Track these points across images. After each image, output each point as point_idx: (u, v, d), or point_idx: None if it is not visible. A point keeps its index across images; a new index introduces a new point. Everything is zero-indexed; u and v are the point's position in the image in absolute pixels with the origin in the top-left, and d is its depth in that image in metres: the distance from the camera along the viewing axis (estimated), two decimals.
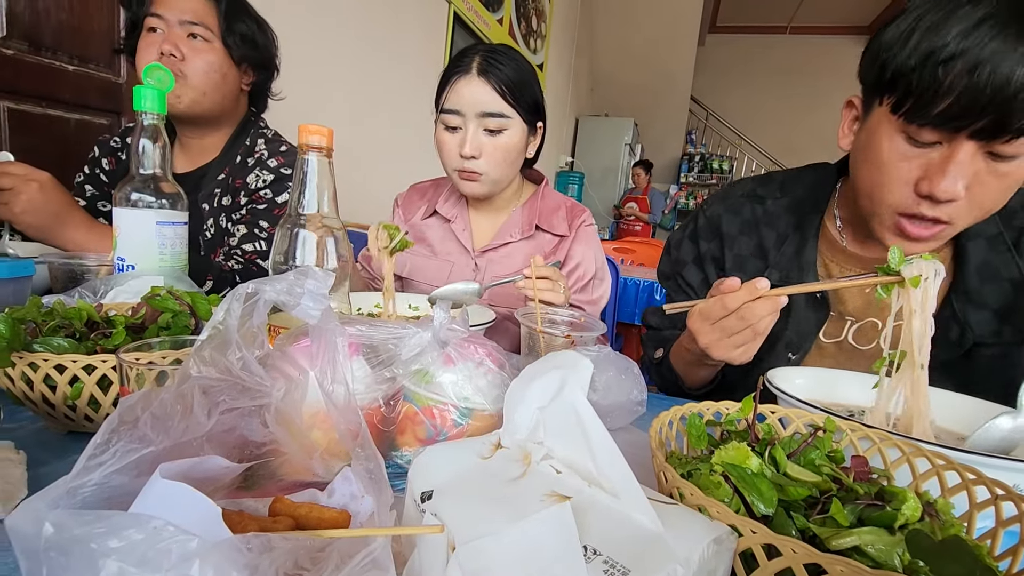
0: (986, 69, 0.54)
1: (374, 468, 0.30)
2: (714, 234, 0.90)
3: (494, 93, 0.93)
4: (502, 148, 0.97)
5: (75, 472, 0.22)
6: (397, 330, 0.43)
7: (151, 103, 0.70)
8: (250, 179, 1.10)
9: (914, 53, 0.58)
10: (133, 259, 0.70)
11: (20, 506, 0.20)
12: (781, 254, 0.83)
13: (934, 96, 0.57)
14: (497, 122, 0.95)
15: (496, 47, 0.98)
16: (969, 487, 0.38)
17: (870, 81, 0.65)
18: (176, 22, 1.00)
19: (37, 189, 0.83)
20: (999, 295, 0.72)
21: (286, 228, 0.53)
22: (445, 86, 0.97)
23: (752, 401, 0.45)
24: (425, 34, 3.01)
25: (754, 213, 0.87)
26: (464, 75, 0.94)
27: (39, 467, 0.43)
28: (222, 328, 0.28)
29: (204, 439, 0.32)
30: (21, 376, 0.44)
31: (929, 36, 0.57)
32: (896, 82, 0.60)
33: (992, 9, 0.55)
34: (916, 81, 0.58)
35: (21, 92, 1.26)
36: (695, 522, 0.29)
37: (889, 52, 0.61)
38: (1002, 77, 0.53)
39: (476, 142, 0.95)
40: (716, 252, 0.90)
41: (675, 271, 0.95)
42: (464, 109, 0.95)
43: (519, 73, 0.96)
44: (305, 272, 0.31)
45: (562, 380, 0.30)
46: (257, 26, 1.11)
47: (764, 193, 0.88)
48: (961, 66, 0.55)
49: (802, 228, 0.82)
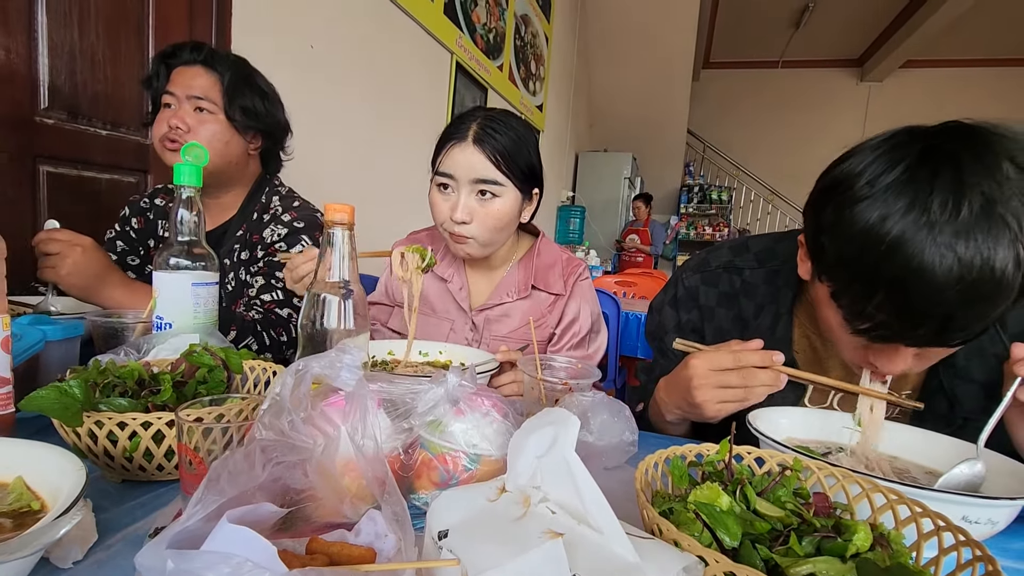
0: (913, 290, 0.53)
1: (400, 511, 0.36)
2: (692, 304, 0.91)
3: (487, 162, 0.95)
4: (493, 215, 0.98)
5: (183, 520, 0.28)
6: (414, 386, 0.50)
7: (189, 178, 0.78)
8: (266, 233, 1.18)
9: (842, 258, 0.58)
10: (171, 318, 0.77)
11: (146, 548, 0.27)
12: (759, 325, 0.83)
13: (862, 316, 0.58)
14: (490, 189, 0.97)
15: (495, 114, 1.00)
16: (917, 519, 0.44)
17: (810, 247, 0.65)
18: (185, 97, 1.12)
19: (81, 253, 0.91)
20: (985, 369, 0.72)
21: (313, 293, 0.61)
22: (441, 150, 0.99)
23: (728, 443, 0.51)
24: (429, 82, 3.17)
25: (732, 284, 0.87)
26: (460, 142, 0.96)
27: (100, 513, 0.49)
28: (278, 399, 0.35)
29: (256, 488, 0.38)
30: (88, 432, 0.50)
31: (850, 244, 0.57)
32: (832, 278, 0.60)
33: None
34: (846, 300, 0.59)
35: (59, 157, 1.37)
36: (668, 554, 0.34)
37: (813, 240, 0.62)
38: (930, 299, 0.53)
39: (467, 207, 0.97)
40: (696, 323, 0.91)
41: (657, 336, 0.97)
42: (457, 174, 0.97)
43: (515, 142, 0.97)
44: (343, 349, 0.38)
45: (555, 435, 0.37)
46: (262, 97, 1.21)
47: (741, 264, 0.88)
48: (884, 293, 0.55)
49: (776, 302, 0.82)
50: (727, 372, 0.67)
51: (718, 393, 0.68)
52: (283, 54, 2.01)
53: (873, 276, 0.55)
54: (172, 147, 1.12)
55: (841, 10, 6.90)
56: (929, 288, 0.52)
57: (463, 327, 1.11)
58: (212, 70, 1.14)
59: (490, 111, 1.01)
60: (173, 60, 1.15)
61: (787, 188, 8.17)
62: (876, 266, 0.55)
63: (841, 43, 7.85)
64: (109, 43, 1.44)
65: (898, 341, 0.59)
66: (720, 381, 0.67)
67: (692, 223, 8.45)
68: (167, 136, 1.11)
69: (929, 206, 0.52)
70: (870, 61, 7.95)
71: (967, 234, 0.51)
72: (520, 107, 4.58)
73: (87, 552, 0.42)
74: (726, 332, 0.85)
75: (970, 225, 0.51)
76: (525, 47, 4.60)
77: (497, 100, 4.11)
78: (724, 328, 0.87)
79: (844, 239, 0.57)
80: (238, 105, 1.15)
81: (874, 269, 0.55)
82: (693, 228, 8.39)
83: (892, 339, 0.59)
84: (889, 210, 0.54)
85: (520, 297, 1.10)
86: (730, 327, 0.86)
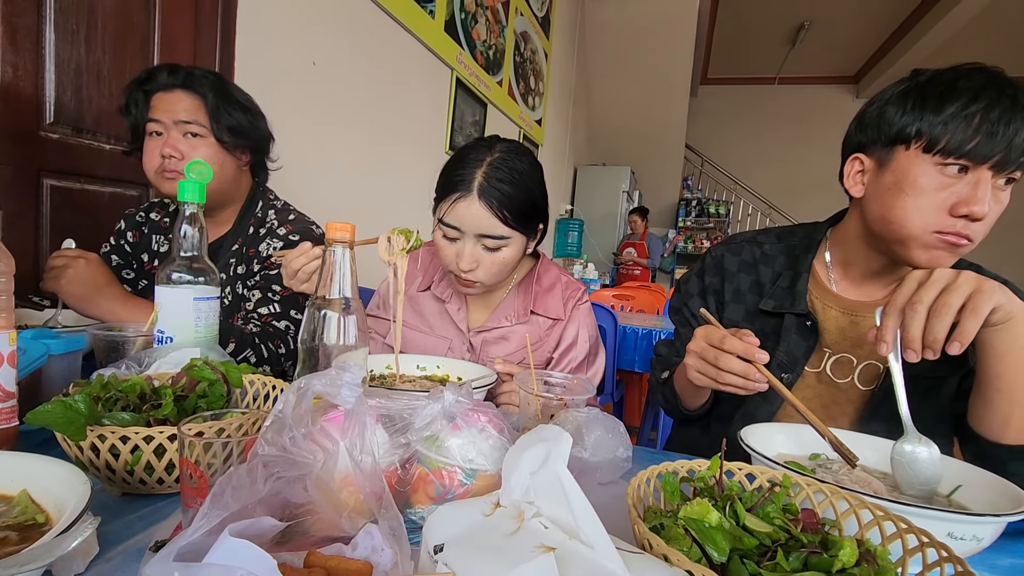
0: (999, 119, 0.70)
1: (396, 526, 0.37)
2: (717, 271, 1.03)
3: (494, 219, 0.93)
4: (499, 262, 0.98)
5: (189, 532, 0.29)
6: (411, 402, 0.51)
7: (192, 194, 0.80)
8: (262, 247, 1.19)
9: (940, 110, 0.73)
10: (172, 331, 0.78)
11: (152, 560, 0.27)
12: (776, 287, 0.95)
13: (963, 139, 0.71)
14: (495, 243, 0.96)
15: (500, 160, 0.95)
16: (902, 535, 0.45)
17: (890, 135, 0.79)
18: (172, 123, 1.10)
19: (83, 265, 0.93)
20: None
21: (313, 309, 0.62)
22: (445, 196, 0.96)
23: (719, 460, 0.52)
24: (429, 98, 3.21)
25: (753, 254, 1.01)
26: (465, 196, 0.93)
27: (100, 526, 0.49)
28: (281, 416, 0.36)
29: (257, 503, 0.39)
30: (90, 446, 0.51)
31: (949, 96, 0.72)
32: (931, 130, 0.74)
33: (979, 82, 0.73)
34: (952, 127, 0.72)
35: (63, 171, 1.39)
36: (656, 568, 0.35)
37: (910, 112, 0.76)
38: (1009, 126, 0.70)
39: (474, 256, 0.97)
40: (717, 286, 1.02)
41: (683, 303, 1.07)
42: (463, 228, 0.95)
43: (522, 190, 0.95)
44: (344, 367, 0.39)
45: (547, 452, 0.38)
46: (244, 111, 1.18)
47: (763, 240, 1.03)
48: (980, 118, 0.70)
49: (795, 266, 0.95)
50: (711, 348, 0.74)
51: (698, 362, 0.76)
52: (286, 70, 2.05)
53: (970, 94, 0.71)
54: (171, 176, 1.10)
55: (837, 29, 7.02)
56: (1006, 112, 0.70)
57: (460, 347, 1.12)
58: (194, 92, 1.12)
59: (495, 155, 0.96)
60: (150, 85, 1.12)
61: (784, 202, 8.22)
62: (971, 85, 0.72)
63: (837, 60, 7.98)
64: (115, 59, 1.47)
65: (993, 155, 0.71)
66: (703, 352, 0.75)
67: (690, 236, 8.49)
68: (163, 168, 1.10)
69: (986, 69, 0.74)
70: (865, 78, 8.06)
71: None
72: (519, 121, 4.63)
73: (88, 565, 0.43)
74: (743, 294, 0.99)
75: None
76: (524, 63, 4.66)
77: (496, 115, 4.15)
78: (742, 291, 0.99)
79: (942, 83, 0.74)
80: (225, 126, 1.14)
81: (969, 87, 0.71)
82: (691, 241, 8.43)
83: (987, 152, 0.70)
84: (962, 68, 0.75)
85: (519, 322, 1.11)
86: (747, 290, 0.99)
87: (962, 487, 0.61)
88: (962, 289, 0.60)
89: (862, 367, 0.89)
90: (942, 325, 0.59)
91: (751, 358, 0.70)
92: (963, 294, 0.59)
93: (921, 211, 0.76)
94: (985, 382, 0.68)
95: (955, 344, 0.59)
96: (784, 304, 0.92)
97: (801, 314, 0.90)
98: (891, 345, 0.63)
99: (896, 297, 0.63)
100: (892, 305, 0.64)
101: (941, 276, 0.61)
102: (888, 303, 0.64)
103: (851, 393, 0.90)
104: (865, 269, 0.90)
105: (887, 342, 0.63)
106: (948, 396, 0.82)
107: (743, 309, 0.98)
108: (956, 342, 0.59)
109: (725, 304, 1.00)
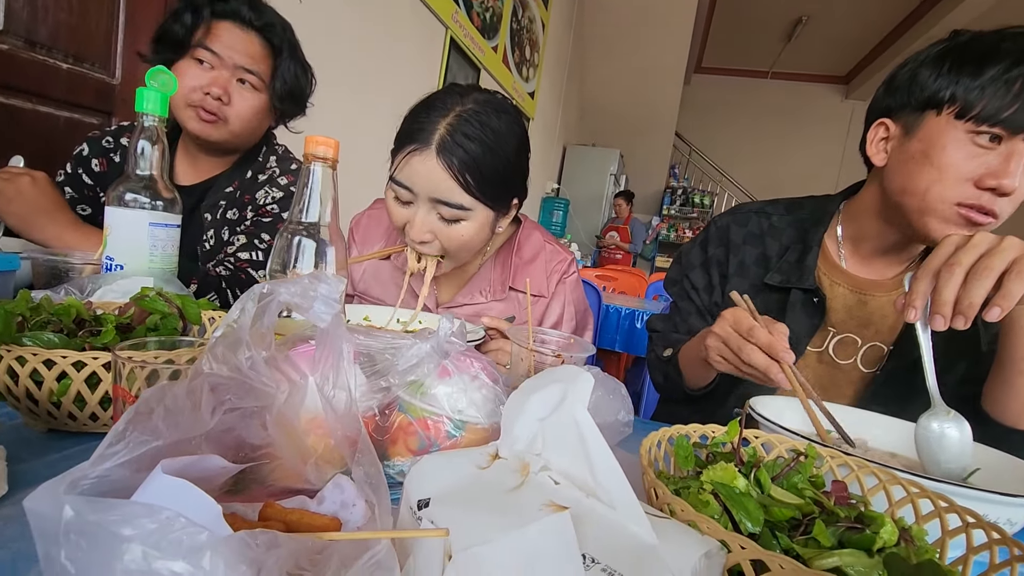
0: None
1: (374, 473, 0.31)
2: (721, 241, 0.97)
3: (452, 181, 0.76)
4: (457, 238, 0.82)
5: (92, 460, 0.22)
6: (395, 340, 0.44)
7: (153, 105, 0.70)
8: (259, 195, 1.09)
9: (978, 74, 0.68)
10: (122, 259, 0.69)
11: (39, 489, 0.20)
12: (784, 261, 0.90)
13: (1000, 105, 0.67)
14: (452, 212, 0.79)
15: (471, 113, 0.78)
16: (942, 515, 0.40)
17: (921, 99, 0.74)
18: (231, 65, 0.98)
19: (29, 183, 0.82)
20: None
21: (286, 236, 0.54)
22: (400, 149, 0.79)
23: (738, 425, 0.47)
24: (420, 54, 3.06)
25: (760, 226, 0.95)
26: (422, 150, 0.76)
27: (17, 464, 0.42)
28: (235, 327, 0.29)
29: (203, 438, 0.32)
30: (6, 370, 0.43)
31: (991, 58, 0.68)
32: (967, 94, 0.69)
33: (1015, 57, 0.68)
34: (989, 91, 0.68)
35: (13, 87, 1.25)
36: (687, 536, 0.29)
37: (946, 74, 0.71)
38: None
39: (427, 225, 0.80)
40: (721, 257, 0.96)
41: (683, 274, 1.01)
42: (416, 188, 0.78)
43: (492, 154, 0.78)
44: (319, 277, 0.32)
45: (563, 393, 0.31)
46: (304, 72, 1.10)
47: (771, 211, 0.97)
48: (1021, 84, 0.66)
49: (804, 239, 0.90)
50: (736, 336, 0.68)
51: (721, 347, 0.70)
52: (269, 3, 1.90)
53: (1013, 57, 0.67)
54: (207, 118, 0.98)
55: (833, 27, 6.99)
56: None
57: None
58: (267, 42, 1.01)
59: (466, 106, 0.78)
60: (222, 6, 0.97)
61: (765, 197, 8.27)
62: (1016, 48, 0.67)
63: (830, 59, 7.97)
64: None
65: None
66: (728, 338, 0.69)
67: (673, 225, 8.49)
68: (201, 104, 0.97)
69: None
70: (856, 79, 8.09)
71: None
72: (512, 91, 4.50)
73: None
74: (748, 267, 0.93)
75: None
76: (521, 31, 4.51)
77: (489, 82, 4.01)
78: (747, 264, 0.94)
79: (984, 45, 0.70)
80: (286, 89, 1.04)
81: (1014, 50, 0.67)
82: (674, 230, 8.44)
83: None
84: (1007, 30, 0.70)
85: (495, 298, 0.96)
86: (752, 263, 0.93)
87: (980, 470, 0.57)
88: (1007, 253, 0.55)
89: (866, 348, 0.85)
90: (983, 288, 0.54)
91: (776, 356, 0.63)
92: (1007, 258, 0.54)
93: (946, 181, 0.71)
94: (1009, 364, 0.65)
95: (995, 309, 0.54)
96: (791, 279, 0.87)
97: (808, 290, 0.86)
98: (920, 312, 0.58)
99: (931, 260, 0.58)
100: (925, 268, 0.58)
101: (983, 239, 0.56)
102: (921, 267, 0.59)
103: (852, 375, 0.86)
104: (877, 245, 0.85)
105: (916, 307, 0.58)
106: (955, 381, 0.79)
107: (747, 283, 0.92)
108: (996, 306, 0.54)
109: (728, 277, 0.95)
